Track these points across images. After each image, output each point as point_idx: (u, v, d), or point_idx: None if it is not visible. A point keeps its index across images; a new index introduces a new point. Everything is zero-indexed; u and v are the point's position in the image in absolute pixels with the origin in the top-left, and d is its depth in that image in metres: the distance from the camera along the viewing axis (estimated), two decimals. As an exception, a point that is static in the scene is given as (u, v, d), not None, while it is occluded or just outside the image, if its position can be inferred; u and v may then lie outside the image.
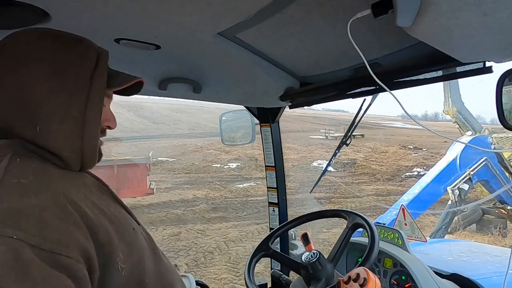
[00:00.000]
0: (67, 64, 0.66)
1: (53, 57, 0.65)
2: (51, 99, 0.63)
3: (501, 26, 0.57)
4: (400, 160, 18.52)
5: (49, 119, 0.63)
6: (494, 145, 6.76)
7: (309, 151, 19.42)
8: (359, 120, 1.83)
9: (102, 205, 0.66)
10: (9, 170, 0.57)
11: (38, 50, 0.65)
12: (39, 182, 0.58)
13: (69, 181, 0.64)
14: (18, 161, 0.59)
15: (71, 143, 0.65)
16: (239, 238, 7.97)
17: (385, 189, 13.24)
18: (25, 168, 0.59)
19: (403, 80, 0.96)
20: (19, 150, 0.62)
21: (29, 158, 0.61)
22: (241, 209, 10.30)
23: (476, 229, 8.08)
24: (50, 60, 0.65)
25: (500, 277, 1.35)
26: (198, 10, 0.75)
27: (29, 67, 0.63)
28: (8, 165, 0.58)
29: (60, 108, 0.64)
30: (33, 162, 0.61)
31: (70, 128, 0.64)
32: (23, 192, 0.55)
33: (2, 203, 0.52)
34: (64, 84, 0.64)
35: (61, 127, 0.63)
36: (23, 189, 0.55)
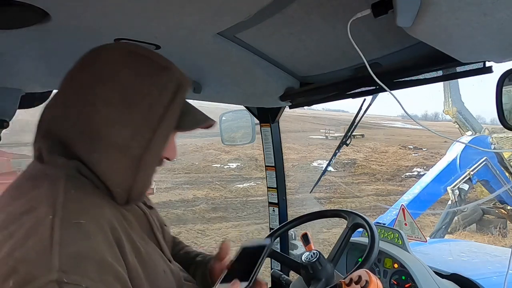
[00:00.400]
0: (142, 95, 0.61)
1: (130, 85, 0.61)
2: (114, 129, 0.59)
3: (501, 26, 0.57)
4: (400, 160, 18.52)
5: (108, 149, 0.59)
6: (494, 145, 6.76)
7: (309, 151, 19.42)
8: (359, 120, 1.83)
9: (140, 243, 0.63)
10: (67, 207, 0.53)
11: (116, 75, 0.61)
12: (95, 222, 0.55)
13: (116, 216, 0.60)
14: (73, 193, 0.56)
15: (123, 180, 0.61)
16: (239, 238, 7.97)
17: (385, 189, 13.24)
18: (81, 203, 0.56)
19: (403, 80, 0.96)
20: (73, 175, 0.59)
21: (83, 187, 0.58)
22: (241, 209, 10.30)
23: (476, 229, 8.09)
24: (125, 88, 0.60)
25: (500, 277, 1.35)
26: (198, 10, 0.75)
27: (102, 92, 0.60)
28: (65, 200, 0.54)
29: (121, 141, 0.59)
30: (87, 193, 0.58)
31: (126, 164, 0.60)
32: (83, 234, 0.52)
33: (68, 246, 0.50)
34: (132, 116, 0.60)
35: (116, 161, 0.60)
36: (83, 230, 0.53)
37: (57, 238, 0.49)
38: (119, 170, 0.60)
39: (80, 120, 0.60)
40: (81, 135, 0.59)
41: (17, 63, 0.95)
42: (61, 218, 0.51)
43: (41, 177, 0.58)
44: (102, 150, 0.59)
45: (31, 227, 0.50)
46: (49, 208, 0.52)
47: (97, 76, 0.61)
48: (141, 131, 0.61)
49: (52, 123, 0.62)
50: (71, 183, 0.57)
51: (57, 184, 0.56)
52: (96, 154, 0.59)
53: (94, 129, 0.59)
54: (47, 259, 0.48)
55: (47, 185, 0.56)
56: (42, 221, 0.51)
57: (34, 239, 0.49)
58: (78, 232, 0.52)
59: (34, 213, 0.52)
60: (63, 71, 1.07)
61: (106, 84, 0.60)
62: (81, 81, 0.62)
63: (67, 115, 0.61)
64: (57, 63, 1.01)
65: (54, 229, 0.50)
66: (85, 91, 0.60)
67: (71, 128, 0.60)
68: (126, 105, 0.60)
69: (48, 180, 0.57)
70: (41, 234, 0.49)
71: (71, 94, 0.62)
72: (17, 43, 0.86)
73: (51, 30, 0.79)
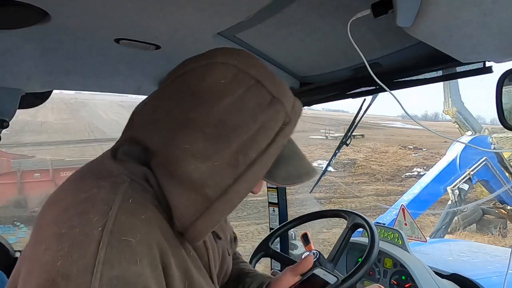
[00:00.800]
0: (238, 132, 0.53)
1: (228, 116, 0.53)
2: (192, 161, 0.52)
3: (501, 26, 0.57)
4: (400, 160, 18.53)
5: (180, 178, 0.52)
6: (494, 145, 6.77)
7: (309, 151, 19.42)
8: (359, 120, 1.83)
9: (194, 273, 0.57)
10: (119, 220, 0.48)
11: (220, 100, 0.53)
12: (144, 242, 0.49)
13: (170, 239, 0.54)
14: (130, 203, 0.50)
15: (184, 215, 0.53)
16: (239, 238, 7.97)
17: (385, 189, 13.25)
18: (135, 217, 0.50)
19: (403, 80, 0.96)
20: (138, 181, 0.53)
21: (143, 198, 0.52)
22: (241, 209, 10.29)
23: (476, 229, 8.09)
24: (222, 119, 0.53)
25: (500, 277, 1.35)
26: (198, 10, 0.75)
27: (197, 117, 0.53)
28: (118, 211, 0.48)
29: (196, 176, 0.52)
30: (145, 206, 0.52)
31: (194, 202, 0.53)
32: (130, 255, 0.47)
33: (111, 268, 0.45)
34: (218, 154, 0.52)
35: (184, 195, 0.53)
36: (130, 251, 0.47)
37: (102, 256, 0.45)
38: (185, 204, 0.53)
39: (162, 138, 0.54)
40: (159, 153, 0.54)
41: (17, 63, 0.95)
42: (110, 232, 0.47)
43: (105, 175, 0.53)
44: (175, 177, 0.53)
45: (79, 235, 0.46)
46: (100, 217, 0.48)
47: (195, 95, 0.54)
48: (223, 173, 0.52)
49: (135, 128, 0.58)
50: (132, 191, 0.51)
51: (118, 189, 0.51)
52: (168, 178, 0.53)
53: (172, 153, 0.53)
54: (87, 279, 0.44)
55: (108, 187, 0.51)
56: (91, 231, 0.46)
57: (79, 252, 0.45)
58: (125, 252, 0.47)
59: (85, 218, 0.48)
60: (63, 71, 1.08)
61: (204, 108, 0.53)
62: (176, 93, 0.56)
63: (152, 127, 0.56)
64: (57, 63, 1.01)
65: (101, 244, 0.46)
66: (178, 109, 0.54)
67: (151, 141, 0.55)
68: (216, 138, 0.52)
69: (111, 181, 0.52)
70: (87, 248, 0.45)
71: (163, 106, 0.56)
72: (17, 43, 0.86)
73: (51, 30, 0.79)
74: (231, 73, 0.55)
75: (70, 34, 0.84)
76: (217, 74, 0.55)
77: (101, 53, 0.99)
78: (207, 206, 0.52)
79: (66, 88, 1.20)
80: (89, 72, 1.10)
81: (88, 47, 0.94)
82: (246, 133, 0.53)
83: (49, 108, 25.70)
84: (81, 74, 1.11)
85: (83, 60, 1.03)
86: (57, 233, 0.47)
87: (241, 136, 0.52)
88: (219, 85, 0.54)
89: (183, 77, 0.57)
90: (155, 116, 0.56)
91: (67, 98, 30.75)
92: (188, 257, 0.57)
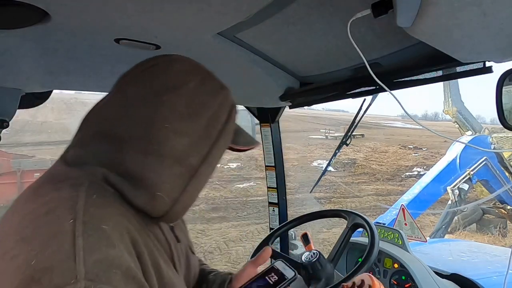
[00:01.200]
0: (205, 109, 0.63)
1: (197, 97, 0.62)
2: (174, 137, 0.59)
3: (501, 26, 0.57)
4: (400, 160, 18.53)
5: (164, 155, 0.58)
6: (494, 145, 6.77)
7: (309, 151, 19.43)
8: (359, 120, 1.83)
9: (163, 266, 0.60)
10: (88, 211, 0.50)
11: (185, 85, 0.62)
12: (117, 230, 0.51)
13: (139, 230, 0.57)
14: (95, 198, 0.52)
15: (172, 188, 0.59)
16: (239, 238, 7.98)
17: (385, 189, 13.25)
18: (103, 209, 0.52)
19: (403, 80, 0.96)
20: (97, 182, 0.55)
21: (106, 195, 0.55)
22: (241, 209, 10.31)
23: (476, 229, 8.09)
24: (191, 100, 0.62)
25: (500, 277, 1.35)
26: (198, 10, 0.75)
27: (170, 99, 0.60)
28: (86, 204, 0.50)
29: (179, 149, 0.59)
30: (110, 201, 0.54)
31: (180, 173, 0.59)
32: (107, 240, 0.48)
33: (92, 253, 0.46)
34: (194, 127, 0.61)
35: (170, 169, 0.58)
36: (107, 237, 0.49)
37: (80, 244, 0.46)
38: (172, 177, 0.58)
39: (140, 122, 0.59)
40: (137, 137, 0.58)
41: (17, 63, 0.95)
42: (83, 222, 0.48)
43: (62, 179, 0.55)
44: (159, 155, 0.58)
45: (49, 232, 0.47)
46: (68, 211, 0.49)
47: (167, 83, 0.61)
48: (200, 143, 0.61)
49: (103, 124, 0.60)
50: (93, 190, 0.54)
51: (79, 188, 0.53)
52: (151, 158, 0.57)
53: (155, 133, 0.58)
54: (71, 266, 0.44)
55: (68, 188, 0.53)
56: (61, 225, 0.47)
57: (54, 245, 0.45)
58: (102, 238, 0.48)
59: (51, 216, 0.49)
60: (63, 71, 1.08)
61: (175, 92, 0.61)
62: (146, 85, 0.62)
63: (125, 116, 0.59)
64: (57, 63, 1.01)
65: (76, 234, 0.46)
66: (150, 96, 0.60)
67: (127, 128, 0.58)
68: (190, 115, 0.61)
69: (70, 183, 0.54)
70: (62, 240, 0.46)
71: (133, 96, 0.61)
72: (17, 43, 0.86)
73: (51, 30, 0.79)
74: (189, 65, 0.66)
75: (70, 34, 0.84)
76: (179, 65, 0.65)
77: (101, 53, 0.99)
78: (192, 174, 0.60)
79: (66, 88, 1.20)
80: (89, 72, 1.10)
81: (88, 47, 0.94)
82: (210, 109, 0.63)
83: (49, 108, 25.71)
84: (81, 74, 1.11)
85: (83, 60, 1.03)
86: (23, 238, 0.47)
87: (207, 112, 0.63)
88: (182, 73, 0.64)
89: (149, 71, 0.64)
90: (127, 107, 0.61)
91: (67, 98, 30.77)
92: (156, 250, 0.59)
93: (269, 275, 0.80)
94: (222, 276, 0.89)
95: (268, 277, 0.79)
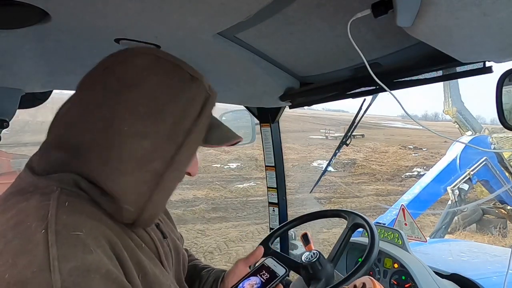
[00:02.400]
0: (169, 106, 0.57)
1: (158, 94, 0.56)
2: (135, 139, 0.54)
3: (501, 26, 0.57)
4: (400, 160, 18.53)
5: (125, 160, 0.54)
6: (494, 145, 6.76)
7: (309, 151, 19.43)
8: (359, 120, 1.83)
9: (148, 265, 0.58)
10: (60, 219, 0.48)
11: (145, 81, 0.56)
12: (91, 236, 0.49)
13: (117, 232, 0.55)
14: (67, 206, 0.50)
15: (137, 197, 0.55)
16: (239, 238, 7.97)
17: (385, 189, 13.24)
18: (76, 215, 0.50)
19: (403, 80, 0.96)
20: (68, 188, 0.53)
21: (78, 201, 0.53)
22: (241, 209, 10.30)
23: (476, 229, 8.09)
24: (153, 97, 0.56)
25: (500, 277, 1.35)
26: (198, 10, 0.75)
27: (129, 98, 0.55)
28: (57, 212, 0.48)
29: (141, 153, 0.54)
30: (83, 207, 0.52)
31: (144, 179, 0.55)
32: (83, 246, 0.47)
33: (67, 261, 0.44)
34: (157, 127, 0.55)
35: (133, 175, 0.54)
36: (82, 243, 0.47)
37: (55, 254, 0.44)
38: (135, 185, 0.54)
39: (97, 127, 0.54)
40: (95, 143, 0.54)
41: (17, 63, 0.95)
42: (55, 232, 0.46)
43: (31, 190, 0.53)
44: (119, 161, 0.53)
45: (20, 244, 0.45)
46: (39, 222, 0.47)
47: (123, 81, 0.56)
48: (165, 145, 0.56)
49: (63, 130, 0.57)
50: (65, 196, 0.51)
51: (49, 196, 0.50)
52: (111, 165, 0.53)
53: (112, 138, 0.53)
54: (46, 277, 0.43)
55: (38, 197, 0.51)
56: (33, 236, 0.45)
57: (27, 257, 0.44)
58: (77, 245, 0.47)
59: (22, 228, 0.47)
60: (63, 71, 1.08)
61: (132, 90, 0.55)
62: (104, 85, 0.57)
63: (83, 121, 0.56)
64: (57, 63, 1.01)
65: (50, 244, 0.45)
66: (107, 96, 0.55)
67: (85, 134, 0.55)
68: (151, 115, 0.55)
69: (39, 193, 0.51)
70: (34, 251, 0.44)
71: (91, 98, 0.57)
72: (17, 43, 0.86)
73: (51, 30, 0.79)
74: (151, 58, 0.59)
75: (70, 34, 0.84)
76: (139, 60, 0.58)
77: (101, 53, 0.98)
78: (157, 181, 0.55)
79: (66, 88, 1.20)
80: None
81: (88, 47, 0.93)
82: (176, 106, 0.57)
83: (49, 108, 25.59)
84: (81, 74, 1.10)
85: (83, 60, 1.03)
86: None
87: (173, 109, 0.57)
88: (142, 69, 0.57)
89: (107, 71, 0.59)
90: (85, 111, 0.56)
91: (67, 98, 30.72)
92: (139, 250, 0.58)
93: (260, 273, 0.81)
94: (215, 273, 0.89)
95: (260, 275, 0.80)
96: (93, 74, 0.61)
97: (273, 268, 0.81)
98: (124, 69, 0.58)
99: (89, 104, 0.57)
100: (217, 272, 0.90)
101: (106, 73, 0.58)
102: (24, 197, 0.52)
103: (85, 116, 0.56)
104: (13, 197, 0.53)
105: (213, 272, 0.90)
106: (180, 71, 0.61)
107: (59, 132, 0.58)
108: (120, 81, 0.56)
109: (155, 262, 0.62)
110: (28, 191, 0.53)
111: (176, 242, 0.77)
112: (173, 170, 0.57)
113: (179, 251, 0.77)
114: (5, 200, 0.53)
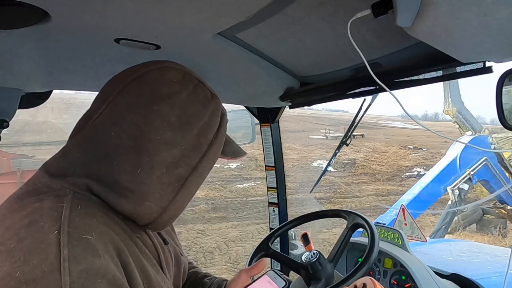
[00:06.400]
0: (197, 118, 0.62)
1: (187, 107, 0.61)
2: (165, 147, 0.58)
3: (501, 26, 0.57)
4: (400, 160, 18.53)
5: (154, 165, 0.57)
6: (494, 145, 6.77)
7: (309, 151, 19.43)
8: (359, 120, 1.83)
9: (151, 272, 0.60)
10: (73, 222, 0.50)
11: (177, 95, 0.61)
12: (101, 240, 0.51)
13: (125, 239, 0.57)
14: (79, 209, 0.52)
15: (161, 197, 0.59)
16: (239, 238, 7.98)
17: (385, 189, 13.24)
18: (88, 219, 0.52)
19: (403, 80, 0.96)
20: (81, 192, 0.55)
21: (90, 206, 0.55)
22: (241, 209, 10.30)
23: (476, 229, 8.09)
24: (183, 110, 0.61)
25: (500, 277, 1.35)
26: (198, 10, 0.75)
27: (161, 109, 0.59)
28: (70, 215, 0.50)
29: (170, 159, 0.59)
30: (95, 212, 0.54)
31: (169, 182, 0.59)
32: (93, 250, 0.49)
33: (78, 263, 0.46)
34: (185, 137, 0.60)
35: (161, 179, 0.58)
36: (92, 247, 0.49)
37: (66, 255, 0.46)
38: (161, 186, 0.58)
39: (129, 133, 0.57)
40: (126, 147, 0.57)
41: (17, 63, 0.95)
42: (67, 233, 0.48)
43: (45, 191, 0.55)
44: (150, 167, 0.57)
45: (33, 243, 0.46)
46: (53, 222, 0.49)
47: (157, 92, 0.60)
48: (191, 154, 0.61)
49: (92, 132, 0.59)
50: (77, 200, 0.54)
51: (63, 199, 0.53)
52: (140, 169, 0.57)
53: (144, 144, 0.57)
54: (56, 278, 0.44)
55: (52, 199, 0.53)
56: (46, 237, 0.47)
57: (39, 256, 0.45)
58: (87, 249, 0.48)
59: (35, 227, 0.48)
60: (63, 71, 1.08)
61: (167, 102, 0.60)
62: (138, 93, 0.60)
63: (114, 125, 0.58)
64: (57, 63, 1.01)
65: (62, 245, 0.46)
66: (141, 104, 0.59)
67: (116, 138, 0.57)
68: (181, 126, 0.60)
69: (53, 194, 0.54)
70: (47, 251, 0.46)
71: (123, 105, 0.59)
72: (17, 43, 0.86)
73: (51, 30, 0.79)
74: (181, 73, 0.64)
75: (70, 34, 0.84)
76: (171, 74, 0.63)
77: (101, 53, 0.99)
78: (182, 183, 0.60)
79: (66, 88, 1.20)
80: (89, 72, 1.10)
81: (88, 47, 0.93)
82: (202, 119, 0.63)
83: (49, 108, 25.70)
84: (81, 74, 1.11)
85: (83, 60, 1.03)
86: (6, 250, 0.46)
87: (199, 122, 0.62)
88: (174, 83, 0.62)
89: (139, 80, 0.61)
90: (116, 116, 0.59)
91: (67, 98, 30.76)
92: (143, 256, 0.60)
93: (261, 285, 0.81)
94: (217, 282, 0.91)
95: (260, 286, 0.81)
96: (123, 81, 0.62)
97: (273, 280, 0.82)
98: (157, 80, 0.61)
99: (121, 110, 0.59)
100: (219, 280, 0.91)
101: (139, 82, 0.61)
102: (38, 198, 0.53)
103: (117, 122, 0.58)
104: (27, 196, 0.55)
105: (216, 280, 0.92)
106: (203, 88, 0.66)
107: (85, 137, 0.60)
108: (154, 91, 0.60)
109: (157, 268, 0.64)
110: (42, 192, 0.54)
111: (176, 249, 0.79)
112: (196, 176, 0.62)
113: (179, 257, 0.79)
114: (19, 198, 0.55)
